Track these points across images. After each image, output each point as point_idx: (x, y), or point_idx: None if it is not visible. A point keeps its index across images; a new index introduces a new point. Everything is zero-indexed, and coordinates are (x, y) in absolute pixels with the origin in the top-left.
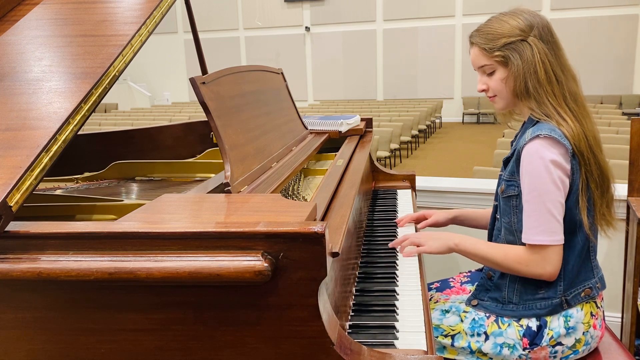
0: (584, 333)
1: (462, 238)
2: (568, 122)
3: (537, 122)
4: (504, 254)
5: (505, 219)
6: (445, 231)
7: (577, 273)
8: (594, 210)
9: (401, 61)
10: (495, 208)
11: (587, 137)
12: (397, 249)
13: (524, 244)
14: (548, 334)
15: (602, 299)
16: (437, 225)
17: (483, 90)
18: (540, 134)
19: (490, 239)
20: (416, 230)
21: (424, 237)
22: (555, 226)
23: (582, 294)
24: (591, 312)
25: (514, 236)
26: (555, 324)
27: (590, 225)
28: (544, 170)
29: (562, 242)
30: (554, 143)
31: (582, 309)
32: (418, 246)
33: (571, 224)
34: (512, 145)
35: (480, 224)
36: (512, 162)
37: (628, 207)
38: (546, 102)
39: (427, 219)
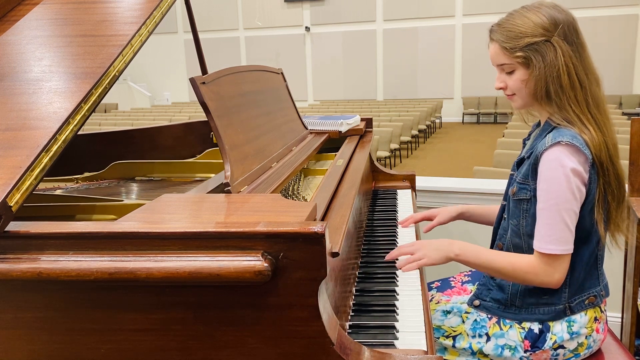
0: (586, 337)
1: (463, 247)
2: (590, 131)
3: (556, 126)
4: (511, 264)
5: (513, 221)
6: (444, 238)
7: (582, 281)
8: (609, 221)
9: (401, 61)
10: (503, 208)
11: (607, 147)
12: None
13: (531, 248)
14: (551, 338)
15: (606, 303)
16: (442, 224)
17: (501, 88)
18: (562, 141)
19: (494, 237)
20: (416, 233)
21: (422, 249)
22: (568, 236)
23: (587, 301)
24: (595, 317)
25: (520, 239)
26: (558, 328)
27: (605, 236)
28: (564, 179)
29: (572, 251)
30: (575, 151)
31: (586, 314)
32: (418, 260)
33: (583, 233)
34: (524, 144)
35: (487, 220)
36: (527, 166)
37: (628, 207)
38: (567, 108)
39: (431, 219)
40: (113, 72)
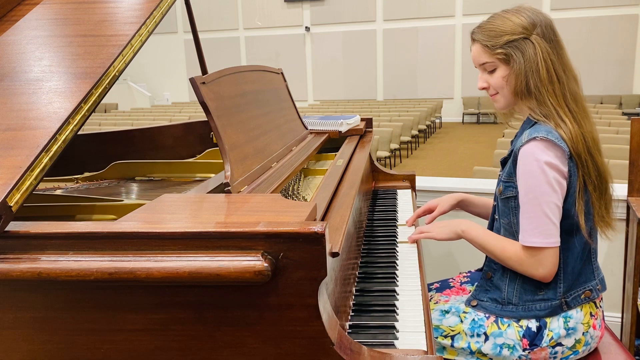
0: (583, 333)
1: (469, 225)
2: (567, 124)
3: (535, 123)
4: (502, 248)
5: (504, 220)
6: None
7: (577, 275)
8: (593, 212)
9: (401, 61)
10: (494, 208)
11: (585, 139)
12: (397, 250)
13: None
14: (548, 335)
15: (602, 299)
16: (443, 213)
17: (484, 88)
18: (537, 137)
19: None
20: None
21: (433, 227)
22: (551, 228)
23: (582, 296)
24: (590, 313)
25: (514, 236)
26: (555, 324)
27: (589, 229)
28: (540, 172)
29: (558, 244)
30: (551, 145)
31: (581, 310)
32: (425, 231)
33: (570, 226)
34: (511, 145)
35: (481, 212)
36: (509, 164)
37: (628, 207)
38: (547, 102)
39: (432, 210)
40: (113, 72)
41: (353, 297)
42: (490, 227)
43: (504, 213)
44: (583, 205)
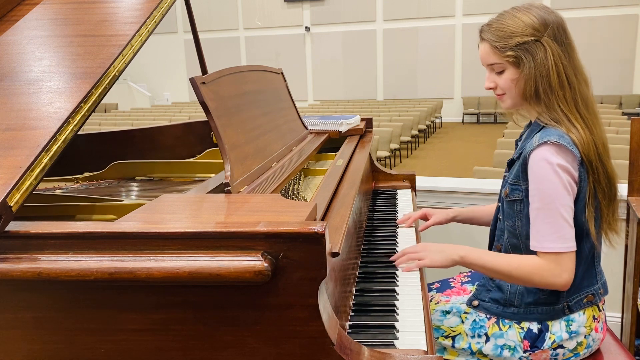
0: (585, 336)
1: (468, 250)
2: (578, 130)
3: (544, 126)
4: (517, 265)
5: (509, 222)
6: (444, 241)
7: (580, 279)
8: (601, 219)
9: (401, 61)
10: (499, 209)
11: (596, 145)
12: (397, 250)
13: (528, 248)
14: (550, 338)
15: (604, 301)
16: (437, 224)
17: (490, 88)
18: (549, 141)
19: (492, 239)
20: (416, 232)
21: (425, 250)
22: (569, 232)
23: (585, 300)
24: (593, 316)
25: (517, 239)
26: (557, 328)
27: (597, 235)
28: (554, 175)
29: (575, 248)
30: (562, 150)
31: (584, 313)
32: (419, 260)
33: (578, 231)
34: (516, 145)
35: (481, 221)
36: (517, 166)
37: (628, 207)
38: (556, 108)
39: (428, 218)
40: (113, 72)
41: (353, 297)
42: (494, 229)
43: (509, 215)
44: (593, 212)
